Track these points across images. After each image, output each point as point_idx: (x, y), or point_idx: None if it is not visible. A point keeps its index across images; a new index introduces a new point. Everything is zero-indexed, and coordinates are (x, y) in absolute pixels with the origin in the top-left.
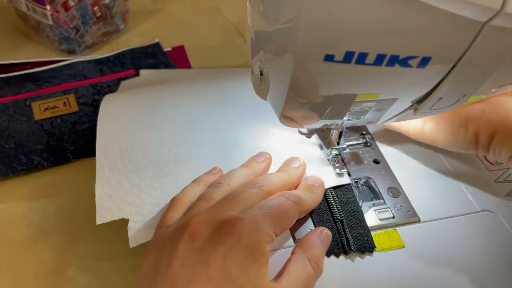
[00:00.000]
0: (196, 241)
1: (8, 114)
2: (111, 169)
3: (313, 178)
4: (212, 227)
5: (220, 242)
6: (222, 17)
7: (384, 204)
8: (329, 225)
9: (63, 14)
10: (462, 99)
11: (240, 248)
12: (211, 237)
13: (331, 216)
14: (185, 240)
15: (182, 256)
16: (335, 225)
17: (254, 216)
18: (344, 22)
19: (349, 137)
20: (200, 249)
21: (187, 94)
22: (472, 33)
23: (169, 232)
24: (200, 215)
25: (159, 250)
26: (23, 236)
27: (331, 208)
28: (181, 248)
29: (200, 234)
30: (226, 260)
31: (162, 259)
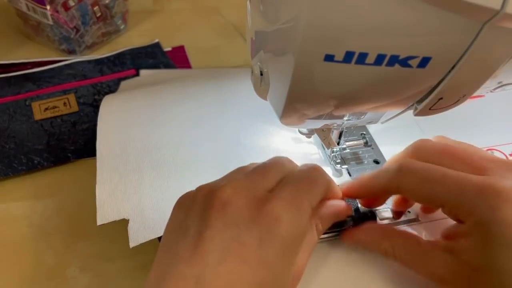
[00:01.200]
0: (229, 211)
1: (8, 114)
2: (111, 170)
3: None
4: (247, 201)
5: (256, 222)
6: (222, 17)
7: (384, 204)
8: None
9: (63, 14)
10: (462, 99)
11: (279, 234)
12: (246, 213)
13: None
14: (217, 208)
15: (213, 227)
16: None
17: (291, 194)
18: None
19: (349, 137)
20: (233, 222)
21: (187, 94)
22: (472, 33)
23: (202, 193)
24: (235, 183)
25: (188, 209)
26: (23, 236)
27: None
28: (213, 217)
29: (233, 205)
30: (262, 244)
31: (192, 222)
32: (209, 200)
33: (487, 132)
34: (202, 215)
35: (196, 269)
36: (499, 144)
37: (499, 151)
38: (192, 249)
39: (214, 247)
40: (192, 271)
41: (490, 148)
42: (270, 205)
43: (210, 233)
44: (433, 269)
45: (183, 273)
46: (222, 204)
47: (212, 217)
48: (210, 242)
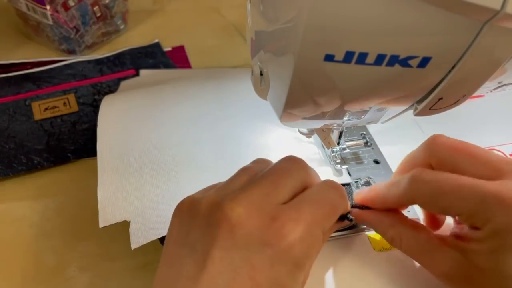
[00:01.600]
0: (239, 233)
1: (8, 114)
2: (112, 171)
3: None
4: (260, 222)
5: (268, 244)
6: (222, 17)
7: None
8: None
9: (63, 14)
10: (462, 99)
11: (291, 258)
12: (258, 234)
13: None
14: (226, 228)
15: (222, 247)
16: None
17: (307, 215)
18: (344, 22)
19: (349, 137)
20: (243, 244)
21: (187, 94)
22: (472, 33)
23: (209, 202)
24: (244, 200)
25: (193, 221)
26: (23, 236)
27: None
28: (221, 236)
29: (244, 226)
30: (274, 266)
31: (197, 238)
32: (216, 217)
33: (487, 132)
34: (209, 232)
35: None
36: (499, 144)
37: (499, 151)
38: (200, 268)
39: (224, 269)
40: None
41: (490, 148)
42: (284, 228)
43: (219, 253)
44: (440, 264)
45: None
46: (231, 225)
47: (220, 237)
48: (219, 263)
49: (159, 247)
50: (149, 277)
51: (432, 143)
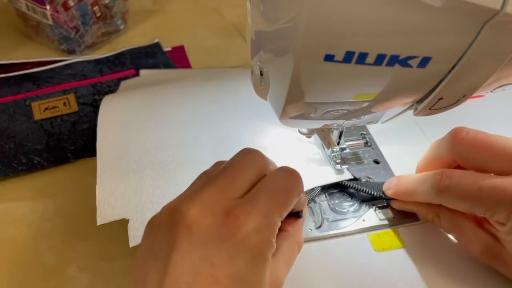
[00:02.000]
0: (196, 232)
1: (8, 114)
2: (112, 170)
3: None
4: (215, 218)
5: (225, 239)
6: (222, 17)
7: (384, 204)
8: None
9: (63, 14)
10: (462, 99)
11: (248, 248)
12: (214, 231)
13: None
14: (184, 229)
15: (181, 249)
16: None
17: (261, 206)
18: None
19: (349, 137)
20: (201, 243)
21: (187, 94)
22: (472, 33)
23: (167, 214)
24: (199, 200)
25: (157, 231)
26: (23, 236)
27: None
28: (179, 238)
29: (200, 225)
30: (233, 260)
31: (160, 245)
32: (174, 220)
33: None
34: (169, 237)
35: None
36: None
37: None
38: (162, 273)
39: (184, 270)
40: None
41: None
42: (238, 221)
43: (178, 255)
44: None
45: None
46: (188, 225)
47: (178, 239)
48: (179, 265)
49: None
50: None
51: (454, 140)
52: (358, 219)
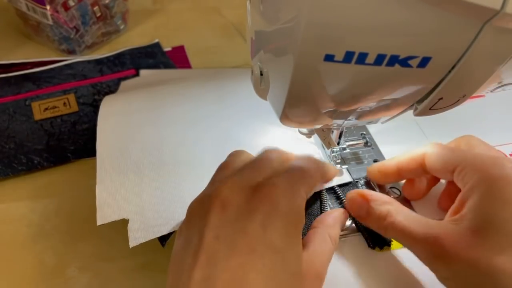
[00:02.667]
0: (228, 210)
1: (8, 114)
2: (111, 170)
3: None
4: (244, 195)
5: (256, 209)
6: (222, 17)
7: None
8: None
9: (63, 14)
10: (462, 99)
11: (279, 215)
12: (245, 205)
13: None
14: (216, 210)
15: (215, 227)
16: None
17: (286, 179)
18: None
19: (349, 137)
20: (234, 218)
21: (187, 94)
22: (472, 33)
23: (196, 204)
24: (228, 183)
25: (188, 224)
26: (23, 236)
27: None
28: (212, 219)
29: (232, 203)
30: (266, 229)
31: (193, 233)
32: (206, 206)
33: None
34: (201, 220)
35: (206, 271)
36: (499, 144)
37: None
38: (197, 253)
39: (220, 245)
40: (201, 273)
41: None
42: (267, 191)
43: (213, 233)
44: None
45: (193, 279)
46: (222, 205)
47: (212, 219)
48: (214, 242)
49: (158, 247)
50: (148, 277)
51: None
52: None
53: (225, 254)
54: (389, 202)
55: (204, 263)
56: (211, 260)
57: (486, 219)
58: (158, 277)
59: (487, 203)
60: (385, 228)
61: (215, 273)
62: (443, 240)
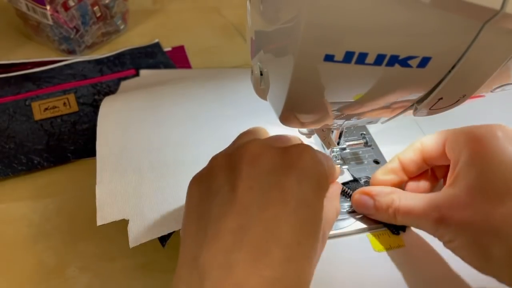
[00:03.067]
0: (261, 163)
1: (8, 114)
2: (111, 170)
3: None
4: (278, 152)
5: (291, 165)
6: (222, 17)
7: None
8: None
9: (63, 14)
10: (462, 99)
11: (313, 173)
12: (279, 159)
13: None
14: (248, 162)
15: (248, 178)
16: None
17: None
18: (344, 22)
19: (349, 137)
20: (267, 171)
21: (187, 95)
22: (472, 33)
23: (222, 157)
24: (256, 141)
25: (211, 175)
26: (23, 236)
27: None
28: (245, 170)
29: (264, 156)
30: (301, 184)
31: (220, 184)
32: (236, 157)
33: None
34: (232, 172)
35: (239, 221)
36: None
37: None
38: (229, 203)
39: (254, 196)
40: (235, 222)
41: None
42: (299, 151)
43: (247, 183)
44: (430, 210)
45: (227, 227)
46: (254, 156)
47: (244, 170)
48: (248, 192)
49: (158, 247)
50: (149, 276)
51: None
52: (358, 219)
53: (260, 205)
54: (391, 192)
55: (237, 212)
56: (245, 210)
57: (479, 173)
58: (158, 277)
59: (477, 158)
60: (394, 215)
61: (249, 223)
62: (442, 205)
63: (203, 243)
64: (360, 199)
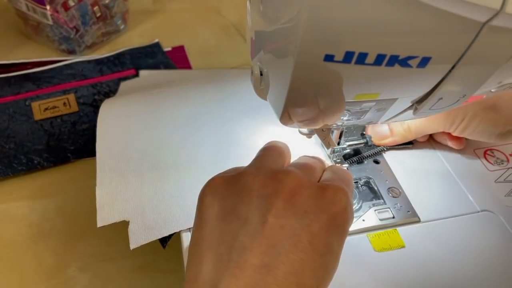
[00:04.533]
0: (297, 202)
1: (8, 114)
2: (112, 171)
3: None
4: (314, 192)
5: (325, 210)
6: (222, 17)
7: (384, 204)
8: None
9: (63, 14)
10: (462, 99)
11: (343, 221)
12: (314, 202)
13: None
14: (284, 199)
15: (281, 216)
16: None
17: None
18: (344, 22)
19: (349, 137)
20: (301, 212)
21: (186, 96)
22: (472, 33)
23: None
24: (296, 175)
25: (241, 198)
26: (23, 236)
27: None
28: (279, 205)
29: (302, 196)
30: (330, 231)
31: (252, 211)
32: (272, 188)
33: None
34: (265, 203)
35: (267, 258)
36: (499, 144)
37: (499, 151)
38: (258, 237)
39: (284, 236)
40: (262, 260)
41: (491, 148)
42: (336, 196)
43: (280, 222)
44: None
45: (252, 262)
46: (291, 194)
47: (278, 207)
48: (279, 231)
49: (157, 248)
50: (148, 277)
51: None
52: (358, 219)
53: (287, 245)
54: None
55: (265, 249)
56: (274, 248)
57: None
58: (158, 278)
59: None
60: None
61: (276, 262)
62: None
63: (225, 271)
64: (375, 129)
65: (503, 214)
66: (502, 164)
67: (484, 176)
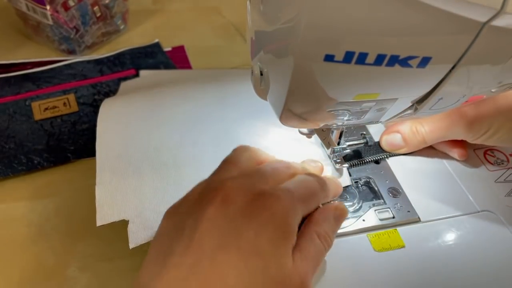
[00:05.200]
0: (228, 207)
1: (8, 114)
2: (111, 171)
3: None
4: (247, 198)
5: (255, 216)
6: (222, 17)
7: (384, 204)
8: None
9: (63, 14)
10: (462, 99)
11: (273, 226)
12: (246, 207)
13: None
14: (216, 205)
15: (211, 219)
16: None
17: (289, 196)
18: (344, 22)
19: (349, 137)
20: (232, 217)
21: (187, 96)
22: (472, 33)
23: (197, 193)
24: (234, 181)
25: (185, 209)
26: (23, 236)
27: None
28: (211, 211)
29: (234, 201)
30: (258, 235)
31: (188, 218)
32: (209, 196)
33: None
34: (201, 210)
35: (191, 259)
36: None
37: (499, 151)
38: (188, 241)
39: (211, 239)
40: (187, 260)
41: (491, 148)
42: (269, 200)
43: (208, 225)
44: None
45: (178, 262)
46: (224, 198)
47: (210, 211)
48: (207, 234)
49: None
50: None
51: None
52: (358, 219)
53: (213, 247)
54: (411, 123)
55: (191, 251)
56: (199, 250)
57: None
58: None
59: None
60: (423, 140)
61: (200, 263)
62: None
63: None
64: (388, 139)
65: (503, 214)
66: (502, 164)
67: (484, 176)
